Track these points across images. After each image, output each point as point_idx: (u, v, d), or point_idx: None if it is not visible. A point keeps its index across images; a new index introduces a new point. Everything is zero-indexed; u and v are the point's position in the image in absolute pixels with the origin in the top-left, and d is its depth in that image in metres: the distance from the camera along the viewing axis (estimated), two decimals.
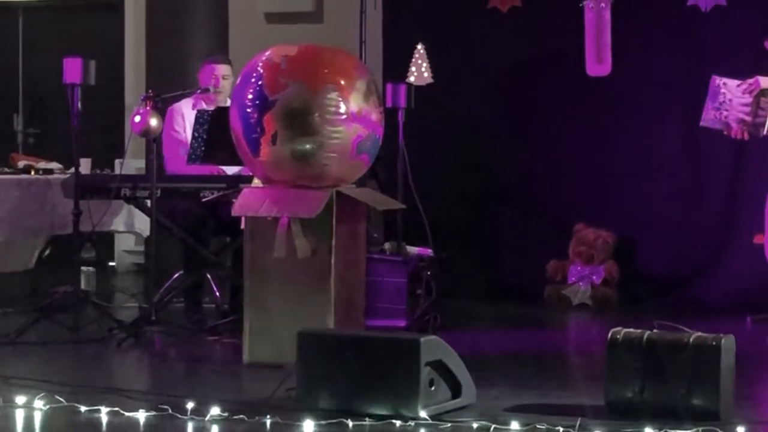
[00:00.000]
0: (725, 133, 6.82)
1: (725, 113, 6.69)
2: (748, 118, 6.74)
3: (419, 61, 9.23)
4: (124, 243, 10.73)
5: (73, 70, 7.03)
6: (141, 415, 5.08)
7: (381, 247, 7.91)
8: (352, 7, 9.68)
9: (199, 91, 7.79)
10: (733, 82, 6.73)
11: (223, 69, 7.90)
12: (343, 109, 6.22)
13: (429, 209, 7.49)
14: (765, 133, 6.74)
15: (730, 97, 6.71)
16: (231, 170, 7.63)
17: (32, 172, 8.38)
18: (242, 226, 6.50)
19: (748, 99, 6.70)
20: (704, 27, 8.61)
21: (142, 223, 8.48)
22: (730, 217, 8.50)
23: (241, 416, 5.02)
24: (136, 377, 6.32)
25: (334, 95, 6.20)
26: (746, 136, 6.86)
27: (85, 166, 7.98)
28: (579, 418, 4.93)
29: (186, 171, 7.52)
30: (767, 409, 5.52)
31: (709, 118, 6.71)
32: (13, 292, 8.49)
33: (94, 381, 5.84)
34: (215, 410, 5.06)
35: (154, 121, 7.05)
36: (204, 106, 7.78)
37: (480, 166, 9.32)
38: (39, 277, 8.89)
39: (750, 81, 6.72)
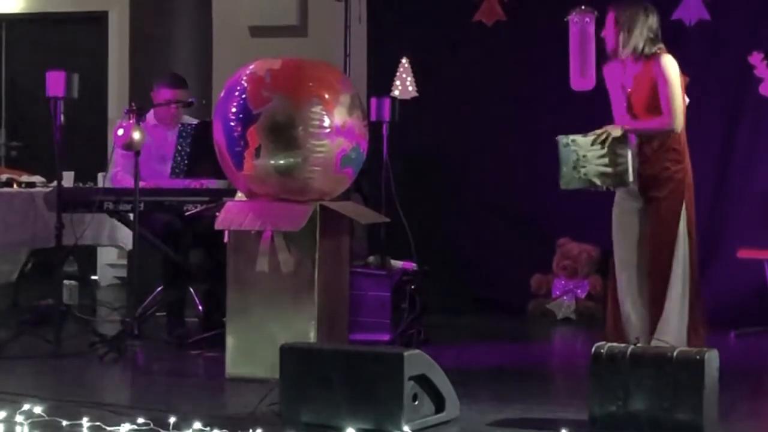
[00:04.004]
0: (592, 189, 6.54)
1: (583, 170, 6.47)
2: (609, 170, 6.50)
3: (404, 75, 9.23)
4: (107, 256, 10.70)
5: (56, 83, 7.00)
6: (123, 430, 5.06)
7: (365, 261, 7.90)
8: (337, 20, 9.66)
9: (190, 102, 7.76)
10: (582, 139, 6.47)
11: (179, 94, 7.80)
12: (327, 122, 6.21)
13: (413, 223, 7.48)
14: (632, 179, 6.45)
15: (584, 153, 6.48)
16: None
17: (15, 186, 8.35)
18: (225, 240, 6.47)
19: (602, 150, 6.47)
20: (688, 41, 8.61)
21: (125, 237, 8.45)
22: (714, 231, 8.49)
23: (224, 431, 5.01)
24: (118, 391, 6.29)
25: (318, 109, 6.20)
26: (611, 188, 6.55)
27: (67, 179, 7.94)
28: None
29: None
30: (750, 424, 5.51)
31: (567, 180, 6.46)
32: None
33: (76, 395, 5.81)
34: (197, 425, 5.04)
35: (137, 134, 7.04)
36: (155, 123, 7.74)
37: (464, 179, 9.31)
38: (21, 291, 8.85)
39: (598, 132, 6.46)
